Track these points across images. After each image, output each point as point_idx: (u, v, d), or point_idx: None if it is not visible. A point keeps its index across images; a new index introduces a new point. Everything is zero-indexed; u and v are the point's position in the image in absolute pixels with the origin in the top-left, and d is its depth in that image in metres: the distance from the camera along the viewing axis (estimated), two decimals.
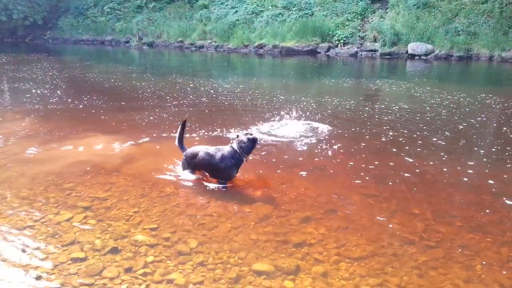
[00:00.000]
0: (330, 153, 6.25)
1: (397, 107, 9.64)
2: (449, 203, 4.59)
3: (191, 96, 10.90)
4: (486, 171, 5.54)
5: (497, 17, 20.45)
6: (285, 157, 6.08)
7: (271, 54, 23.73)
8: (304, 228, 4.02)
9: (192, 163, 5.00)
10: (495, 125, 8.11)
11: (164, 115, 8.74)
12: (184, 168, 5.12)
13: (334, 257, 3.53)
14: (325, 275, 3.31)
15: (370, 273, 3.32)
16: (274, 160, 5.91)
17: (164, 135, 7.12)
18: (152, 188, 4.87)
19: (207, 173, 5.06)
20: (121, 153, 6.20)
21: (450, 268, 3.40)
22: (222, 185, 4.92)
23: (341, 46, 22.92)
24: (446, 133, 7.41)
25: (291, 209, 4.40)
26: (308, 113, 8.87)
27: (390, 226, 4.07)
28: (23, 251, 3.55)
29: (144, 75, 15.44)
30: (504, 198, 4.70)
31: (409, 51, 20.93)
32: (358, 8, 24.08)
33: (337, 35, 23.12)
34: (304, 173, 5.43)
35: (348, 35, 23.02)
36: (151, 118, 8.51)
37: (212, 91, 11.76)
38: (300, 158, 6.01)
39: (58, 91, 11.78)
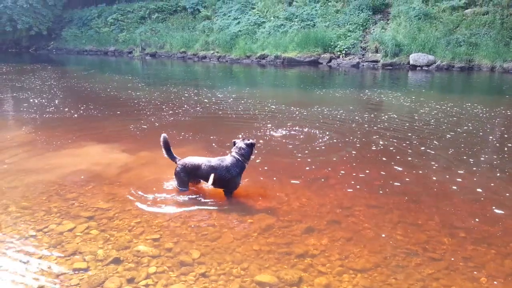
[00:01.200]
0: (332, 163, 6.25)
1: (399, 117, 9.64)
2: (453, 214, 4.57)
3: (187, 106, 10.94)
4: (491, 182, 5.52)
5: (498, 28, 20.53)
6: (287, 167, 6.08)
7: (273, 65, 23.83)
8: (307, 239, 4.00)
9: (194, 174, 4.98)
10: (498, 135, 8.09)
11: (160, 124, 8.79)
12: (179, 178, 5.02)
13: (337, 269, 3.52)
14: (328, 286, 3.29)
15: (373, 285, 3.30)
16: (276, 170, 5.90)
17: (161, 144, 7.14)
18: (154, 198, 4.86)
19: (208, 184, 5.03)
20: (119, 162, 6.21)
21: (453, 280, 3.38)
22: (229, 195, 4.91)
23: (342, 57, 23.00)
24: (450, 143, 7.40)
25: (294, 220, 4.39)
26: (309, 123, 8.89)
27: (394, 237, 4.05)
28: (25, 261, 3.54)
29: (142, 85, 15.49)
30: (508, 210, 4.68)
31: (411, 62, 20.99)
32: (359, 19, 24.21)
33: (338, 46, 23.22)
34: (306, 184, 5.42)
35: (350, 46, 23.11)
36: (146, 127, 8.56)
37: (206, 100, 11.80)
38: (303, 168, 6.00)
39: (55, 100, 11.83)
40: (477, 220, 4.42)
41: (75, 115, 9.78)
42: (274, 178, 5.57)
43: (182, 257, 3.65)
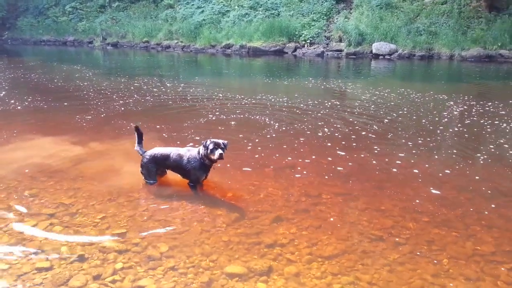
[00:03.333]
0: (297, 152, 6.29)
1: (361, 105, 9.82)
2: (416, 199, 4.70)
3: (148, 96, 10.74)
4: (452, 168, 5.71)
5: (456, 18, 21.19)
6: (252, 157, 6.07)
7: (238, 54, 23.70)
8: (275, 228, 4.02)
9: (163, 164, 4.92)
10: (467, 122, 8.38)
11: (108, 115, 8.69)
12: (147, 170, 4.94)
13: (306, 257, 3.55)
14: (297, 275, 3.32)
15: (341, 271, 3.36)
16: (241, 161, 5.88)
17: (111, 134, 7.18)
18: (119, 192, 4.75)
19: (179, 174, 4.98)
20: (71, 154, 6.06)
21: (418, 263, 3.48)
22: (192, 188, 4.86)
23: (307, 46, 23.14)
24: (410, 130, 7.60)
25: (262, 210, 4.39)
26: (279, 113, 8.92)
27: (360, 223, 4.13)
28: None
29: (89, 75, 15.12)
30: (467, 193, 4.87)
31: (374, 51, 21.38)
32: (323, 8, 24.39)
33: (303, 35, 23.34)
34: (273, 173, 5.43)
35: (314, 35, 23.27)
36: (94, 117, 8.45)
37: (163, 90, 11.63)
38: (268, 158, 6.01)
39: (0, 92, 11.38)
40: (439, 204, 4.57)
41: (19, 107, 9.48)
42: (241, 169, 5.55)
43: (149, 252, 3.58)
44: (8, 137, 7.00)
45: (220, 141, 4.69)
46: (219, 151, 4.57)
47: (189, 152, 4.83)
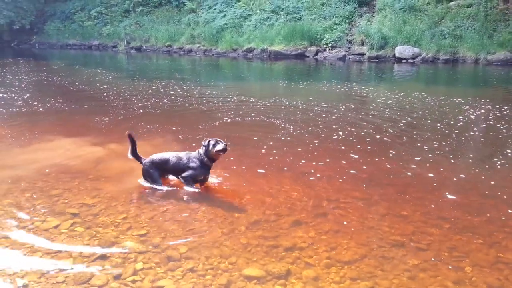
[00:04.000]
0: (318, 156, 6.26)
1: (383, 109, 9.71)
2: (438, 204, 4.62)
3: (184, 99, 10.87)
4: (475, 173, 5.60)
5: (482, 21, 20.75)
6: (273, 161, 6.07)
7: (259, 58, 23.76)
8: (294, 232, 4.01)
9: (162, 168, 5.00)
10: (482, 126, 8.20)
11: (126, 117, 8.89)
12: (149, 175, 4.99)
13: (325, 261, 3.53)
14: (316, 279, 3.30)
15: (361, 276, 3.32)
16: (261, 164, 5.89)
17: (135, 133, 7.20)
18: (140, 193, 4.82)
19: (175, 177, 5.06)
20: (93, 156, 6.19)
21: (439, 270, 3.42)
22: (186, 183, 4.91)
23: (329, 50, 23.03)
24: (434, 135, 7.47)
25: (281, 213, 4.39)
26: (294, 116, 8.90)
27: (380, 228, 4.08)
28: (10, 259, 3.48)
29: (109, 78, 15.38)
30: (489, 199, 4.75)
31: (396, 55, 21.11)
32: (345, 12, 24.24)
33: (325, 39, 23.24)
34: (291, 176, 5.43)
35: (336, 39, 23.14)
36: (112, 119, 8.65)
37: (188, 93, 11.74)
38: (291, 162, 6.01)
39: (24, 95, 11.70)
40: (461, 210, 4.48)
41: (41, 109, 9.76)
42: (261, 172, 5.57)
43: (169, 253, 3.62)
44: (30, 138, 7.21)
45: (219, 139, 4.84)
46: (222, 143, 4.71)
47: (189, 154, 4.95)
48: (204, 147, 4.79)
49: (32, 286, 3.15)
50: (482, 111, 9.48)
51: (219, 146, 4.69)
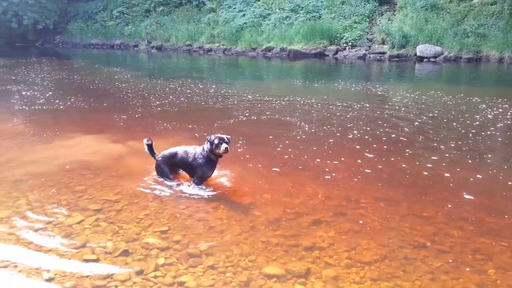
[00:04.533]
0: (338, 155, 6.23)
1: (403, 109, 9.58)
2: (461, 206, 4.55)
3: (200, 98, 10.95)
4: (498, 174, 5.49)
5: (507, 18, 20.25)
6: (288, 159, 6.07)
7: (279, 57, 23.72)
8: (314, 231, 4.01)
9: (171, 162, 5.09)
10: (506, 129, 8.03)
11: (144, 115, 9.06)
12: (160, 169, 5.12)
13: (345, 261, 3.52)
14: (336, 278, 3.30)
15: (381, 277, 3.30)
16: (281, 163, 5.90)
17: (148, 133, 7.31)
18: (161, 190, 4.89)
19: (186, 172, 5.14)
20: (112, 152, 6.32)
21: (462, 272, 3.37)
22: (196, 185, 4.94)
23: (349, 48, 22.83)
24: (457, 136, 7.35)
25: (301, 212, 4.39)
26: (313, 115, 8.87)
27: (401, 229, 4.05)
28: (36, 253, 3.58)
29: (127, 76, 15.57)
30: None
31: (418, 53, 20.80)
32: (366, 10, 23.99)
33: (345, 38, 23.05)
34: (312, 176, 5.42)
35: (356, 38, 22.92)
36: (131, 117, 8.83)
37: (204, 92, 11.81)
38: (308, 161, 6.00)
39: (46, 93, 12.01)
40: (484, 212, 4.40)
41: (61, 107, 10.00)
42: (280, 171, 5.57)
43: (190, 250, 3.67)
44: (52, 135, 7.40)
45: (224, 136, 4.83)
46: (224, 145, 4.71)
47: (195, 149, 5.00)
48: (209, 144, 4.82)
49: (58, 279, 3.23)
50: (500, 110, 9.28)
51: (222, 148, 4.69)
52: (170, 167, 5.13)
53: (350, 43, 22.87)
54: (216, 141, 4.74)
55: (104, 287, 3.16)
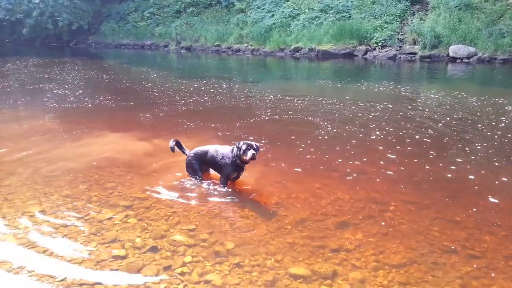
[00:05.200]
0: (367, 157, 6.15)
1: (437, 112, 9.37)
2: (493, 211, 4.42)
3: (224, 97, 11.03)
4: None
5: None
6: (320, 161, 6.03)
7: (307, 58, 23.61)
8: (341, 233, 3.98)
9: (202, 160, 5.17)
10: None
11: (169, 114, 9.29)
12: (191, 167, 5.21)
13: (372, 264, 3.48)
14: (363, 281, 3.26)
15: (410, 281, 3.25)
16: (309, 163, 5.88)
17: (173, 131, 7.65)
18: (188, 189, 4.95)
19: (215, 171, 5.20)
20: (140, 150, 6.47)
21: (494, 279, 3.28)
22: (222, 185, 4.99)
23: (379, 49, 22.50)
24: (490, 139, 7.13)
25: (328, 214, 4.37)
26: (342, 116, 8.79)
27: (431, 233, 3.96)
28: (67, 247, 3.69)
29: (153, 76, 15.80)
30: None
31: (450, 54, 20.28)
32: (397, 10, 23.58)
33: (375, 38, 22.72)
34: (338, 177, 5.37)
35: (387, 38, 22.56)
36: (157, 116, 9.05)
37: (236, 91, 11.86)
38: (337, 162, 5.95)
39: (76, 91, 12.43)
40: None
41: (90, 105, 10.34)
42: (308, 172, 5.55)
43: (217, 248, 3.70)
44: (80, 132, 7.65)
45: (253, 143, 4.83)
46: (252, 151, 4.71)
47: (225, 149, 5.07)
48: (237, 149, 4.85)
49: (88, 273, 3.32)
50: None
51: (248, 154, 4.71)
52: (201, 164, 5.21)
53: (380, 44, 22.55)
54: (244, 147, 4.76)
55: (132, 282, 3.23)
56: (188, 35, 31.60)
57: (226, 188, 4.96)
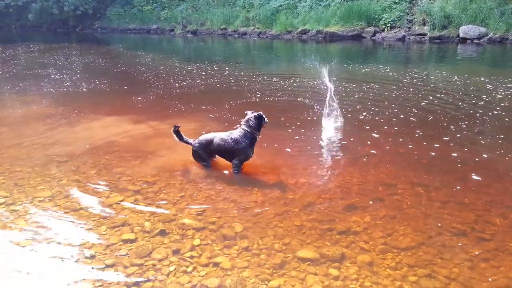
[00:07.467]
0: (375, 140, 6.11)
1: (446, 95, 9.25)
2: (503, 193, 4.38)
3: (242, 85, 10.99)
4: None
5: None
6: (328, 143, 6.01)
7: (314, 40, 23.34)
8: (349, 216, 3.97)
9: (208, 149, 5.09)
10: None
11: (162, 96, 9.58)
12: (198, 156, 5.16)
13: (380, 247, 3.48)
14: (371, 264, 3.26)
15: (418, 264, 3.25)
16: (317, 146, 5.86)
17: (169, 113, 7.96)
18: (197, 173, 4.97)
19: (223, 158, 5.14)
20: (140, 134, 6.60)
21: (503, 261, 3.26)
22: (236, 169, 4.94)
23: (387, 30, 22.16)
24: (499, 122, 7.04)
25: (336, 197, 4.36)
26: (351, 99, 8.71)
27: (439, 216, 3.94)
28: (78, 231, 3.74)
29: (147, 60, 15.73)
30: None
31: (461, 35, 19.92)
32: None
33: (383, 19, 22.36)
34: (346, 160, 5.35)
35: (395, 19, 22.19)
36: (152, 99, 9.29)
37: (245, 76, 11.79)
38: (345, 144, 5.92)
39: (73, 76, 12.67)
40: None
41: (85, 89, 10.59)
42: (316, 155, 5.54)
43: (225, 231, 3.72)
44: (77, 117, 7.80)
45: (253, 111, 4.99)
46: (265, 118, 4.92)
47: (232, 134, 4.96)
48: (254, 120, 4.82)
49: (98, 257, 3.37)
50: None
51: (266, 120, 4.89)
52: (207, 152, 5.17)
53: (389, 25, 22.19)
54: (259, 115, 4.88)
55: (142, 266, 3.27)
56: (194, 19, 31.31)
57: (239, 173, 4.94)
